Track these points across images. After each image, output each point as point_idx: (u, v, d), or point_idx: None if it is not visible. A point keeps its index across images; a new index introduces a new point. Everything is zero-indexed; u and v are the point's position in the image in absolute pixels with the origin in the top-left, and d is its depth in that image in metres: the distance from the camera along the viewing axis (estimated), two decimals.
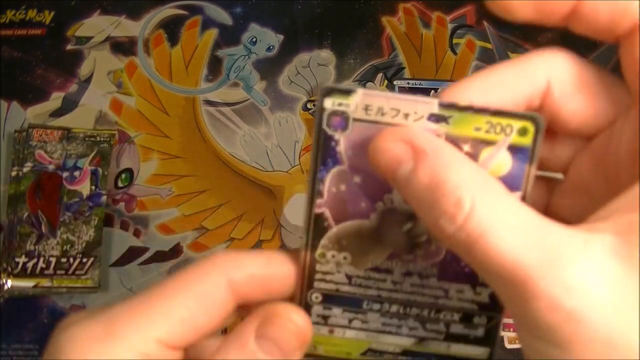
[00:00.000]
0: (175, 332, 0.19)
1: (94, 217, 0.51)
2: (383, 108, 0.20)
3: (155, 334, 0.18)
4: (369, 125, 0.20)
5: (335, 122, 0.20)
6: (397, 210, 0.21)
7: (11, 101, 0.58)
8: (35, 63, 0.60)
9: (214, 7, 0.63)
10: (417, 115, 0.20)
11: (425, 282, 0.22)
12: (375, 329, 0.22)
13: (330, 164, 0.21)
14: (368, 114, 0.20)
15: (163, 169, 0.57)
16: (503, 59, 0.62)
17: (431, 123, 0.20)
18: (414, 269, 0.22)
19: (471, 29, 0.63)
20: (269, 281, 0.21)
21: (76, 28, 0.61)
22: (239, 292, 0.20)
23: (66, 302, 0.53)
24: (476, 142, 0.20)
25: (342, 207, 0.21)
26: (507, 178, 0.20)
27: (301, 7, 0.63)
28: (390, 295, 0.22)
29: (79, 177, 0.52)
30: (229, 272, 0.20)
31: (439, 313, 0.22)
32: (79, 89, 0.59)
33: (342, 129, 0.20)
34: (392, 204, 0.21)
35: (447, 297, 0.22)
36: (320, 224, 0.21)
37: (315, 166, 0.21)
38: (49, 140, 0.53)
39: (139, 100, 0.59)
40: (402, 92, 0.60)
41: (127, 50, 0.61)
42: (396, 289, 0.22)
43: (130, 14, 0.62)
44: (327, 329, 0.22)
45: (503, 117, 0.20)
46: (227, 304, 0.20)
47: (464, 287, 0.22)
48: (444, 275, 0.22)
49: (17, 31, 0.61)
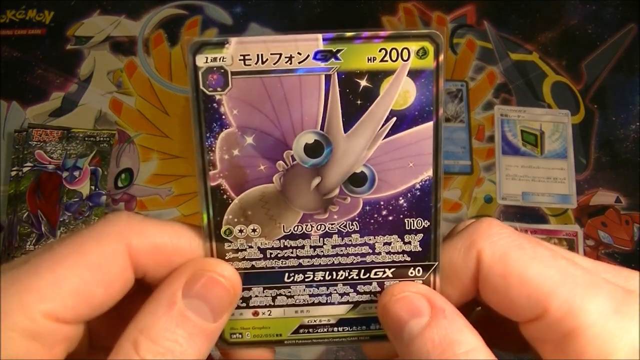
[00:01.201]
0: (66, 305, 0.16)
1: (94, 217, 0.51)
2: (262, 55, 0.18)
3: (42, 307, 0.16)
4: (252, 78, 0.18)
5: (213, 80, 0.18)
6: (301, 166, 0.19)
7: (11, 101, 0.58)
8: (35, 63, 0.60)
9: (214, 7, 0.63)
10: (301, 56, 0.18)
11: (348, 241, 0.20)
12: (303, 302, 0.20)
13: (217, 128, 0.18)
14: (248, 65, 0.18)
15: (163, 169, 0.57)
16: (503, 58, 0.62)
17: (319, 62, 0.18)
18: (332, 229, 0.19)
19: (471, 29, 0.63)
20: (173, 255, 0.18)
21: (76, 28, 0.61)
22: (139, 264, 0.18)
23: None
24: (373, 75, 0.18)
25: (240, 175, 0.19)
26: (414, 108, 0.18)
27: (301, 7, 0.63)
28: (312, 261, 0.20)
29: (79, 177, 0.52)
30: (130, 238, 0.17)
31: (369, 272, 0.20)
32: (79, 89, 0.59)
33: (222, 86, 0.18)
34: (294, 161, 0.19)
35: (375, 253, 0.20)
36: (219, 197, 0.19)
37: (200, 134, 0.18)
38: (48, 140, 0.53)
39: (139, 100, 0.59)
40: None
41: (127, 50, 0.61)
42: (317, 254, 0.20)
43: (130, 13, 0.62)
44: (250, 311, 0.20)
45: (397, 41, 0.18)
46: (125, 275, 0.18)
47: (391, 239, 0.20)
48: (366, 229, 0.19)
49: (17, 31, 0.61)
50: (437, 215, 0.19)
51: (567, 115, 0.60)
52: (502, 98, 0.61)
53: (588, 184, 0.58)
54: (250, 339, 0.21)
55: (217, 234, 0.19)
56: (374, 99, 0.18)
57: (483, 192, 0.58)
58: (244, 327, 0.20)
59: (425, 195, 0.19)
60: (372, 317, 0.20)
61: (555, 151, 0.59)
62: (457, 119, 0.60)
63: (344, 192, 0.19)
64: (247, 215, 0.19)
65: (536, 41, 0.63)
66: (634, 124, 0.60)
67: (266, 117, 0.18)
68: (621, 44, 0.63)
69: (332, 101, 0.18)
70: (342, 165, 0.19)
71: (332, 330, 0.21)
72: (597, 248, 0.56)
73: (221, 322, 0.18)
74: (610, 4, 0.65)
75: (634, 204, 0.58)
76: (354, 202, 0.19)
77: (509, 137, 0.59)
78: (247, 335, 0.21)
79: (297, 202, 0.19)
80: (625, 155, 0.59)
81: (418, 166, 0.19)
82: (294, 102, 0.18)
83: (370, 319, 0.21)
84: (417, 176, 0.19)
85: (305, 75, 0.18)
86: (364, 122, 0.18)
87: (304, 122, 0.18)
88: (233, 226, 0.19)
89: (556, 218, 0.57)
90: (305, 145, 0.18)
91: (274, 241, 0.19)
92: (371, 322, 0.21)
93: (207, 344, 0.17)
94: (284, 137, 0.18)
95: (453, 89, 0.61)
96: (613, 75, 0.62)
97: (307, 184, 0.19)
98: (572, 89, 0.61)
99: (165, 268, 0.18)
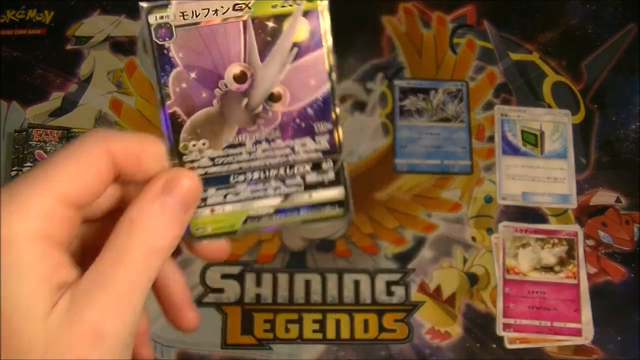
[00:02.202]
0: (71, 190, 0.21)
1: None
2: (196, 11, 0.24)
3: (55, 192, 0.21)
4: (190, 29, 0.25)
5: (162, 33, 0.24)
6: (232, 91, 0.25)
7: (11, 101, 0.58)
8: (35, 63, 0.60)
9: None
10: (223, 9, 0.24)
11: (274, 145, 0.26)
12: (247, 197, 0.26)
13: (168, 68, 0.25)
14: (186, 19, 0.24)
15: None
16: (503, 58, 0.62)
17: (237, 12, 0.24)
18: (260, 137, 0.26)
19: (471, 29, 0.63)
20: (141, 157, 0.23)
21: (76, 28, 0.61)
22: (116, 163, 0.23)
23: None
24: (277, 17, 0.25)
25: (189, 102, 0.25)
26: (309, 40, 0.25)
27: None
28: (249, 164, 0.26)
29: None
30: (109, 142, 0.22)
31: (292, 168, 0.26)
32: (79, 89, 0.59)
33: (169, 37, 0.24)
34: (226, 88, 0.25)
35: (295, 153, 0.26)
36: (175, 121, 0.25)
37: (157, 74, 0.25)
38: (48, 140, 0.53)
39: (139, 100, 0.59)
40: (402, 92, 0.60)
41: (127, 50, 0.61)
42: (252, 158, 0.26)
43: (130, 13, 0.62)
44: (208, 209, 0.26)
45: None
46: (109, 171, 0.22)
47: (305, 140, 0.26)
48: (285, 134, 0.26)
49: (17, 31, 0.61)
50: (337, 119, 0.26)
51: (567, 115, 0.60)
52: (502, 98, 0.61)
53: (588, 184, 0.58)
54: (211, 232, 0.26)
55: (177, 150, 0.25)
56: (279, 36, 0.25)
57: (483, 192, 0.58)
58: (205, 223, 0.26)
59: (326, 104, 0.26)
60: (302, 205, 0.26)
61: (556, 151, 0.59)
62: (457, 119, 0.60)
63: (266, 108, 0.25)
64: (197, 133, 0.25)
65: (536, 41, 0.63)
66: (634, 124, 0.60)
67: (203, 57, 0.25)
68: (621, 44, 0.63)
69: (249, 40, 0.25)
70: (262, 87, 0.25)
71: (272, 218, 0.26)
72: (597, 248, 0.56)
73: (189, 214, 0.24)
74: (610, 4, 0.65)
75: (634, 204, 0.58)
76: (274, 115, 0.26)
77: (509, 137, 0.59)
78: (208, 229, 0.26)
79: (233, 119, 0.25)
80: (625, 155, 0.59)
81: (318, 82, 0.25)
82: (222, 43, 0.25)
83: (300, 207, 0.26)
84: (318, 90, 0.26)
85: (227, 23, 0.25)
86: (274, 53, 0.25)
87: (231, 57, 0.25)
88: (188, 142, 0.25)
89: (556, 218, 0.57)
90: (233, 75, 0.25)
91: (219, 151, 0.26)
92: (301, 209, 0.26)
93: (180, 231, 0.23)
94: (218, 70, 0.25)
95: (453, 89, 0.61)
96: (613, 75, 0.62)
97: (238, 104, 0.25)
98: (572, 89, 0.61)
99: (136, 165, 0.23)
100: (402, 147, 0.58)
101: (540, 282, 0.54)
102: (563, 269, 0.55)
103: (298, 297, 0.54)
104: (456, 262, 0.55)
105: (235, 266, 0.54)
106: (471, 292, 0.55)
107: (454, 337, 0.53)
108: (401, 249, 0.55)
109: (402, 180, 0.58)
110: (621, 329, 0.54)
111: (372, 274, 0.54)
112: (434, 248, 0.56)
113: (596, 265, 0.56)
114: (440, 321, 0.53)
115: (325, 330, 0.53)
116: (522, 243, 0.55)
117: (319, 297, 0.54)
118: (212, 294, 0.53)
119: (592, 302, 0.54)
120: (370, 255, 0.55)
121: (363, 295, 0.54)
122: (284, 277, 0.54)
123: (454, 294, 0.54)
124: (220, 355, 0.52)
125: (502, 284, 0.54)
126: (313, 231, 0.56)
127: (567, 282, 0.54)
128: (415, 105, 0.60)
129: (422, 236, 0.56)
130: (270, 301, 0.53)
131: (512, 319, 0.53)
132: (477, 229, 0.56)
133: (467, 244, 0.56)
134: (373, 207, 0.57)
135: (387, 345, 0.53)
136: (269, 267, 0.54)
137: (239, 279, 0.54)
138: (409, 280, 0.54)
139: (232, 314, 0.53)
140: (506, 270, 0.55)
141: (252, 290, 0.54)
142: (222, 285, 0.54)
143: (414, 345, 0.53)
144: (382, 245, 0.55)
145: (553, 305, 0.54)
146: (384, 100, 0.60)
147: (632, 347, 0.53)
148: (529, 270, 0.55)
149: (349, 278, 0.54)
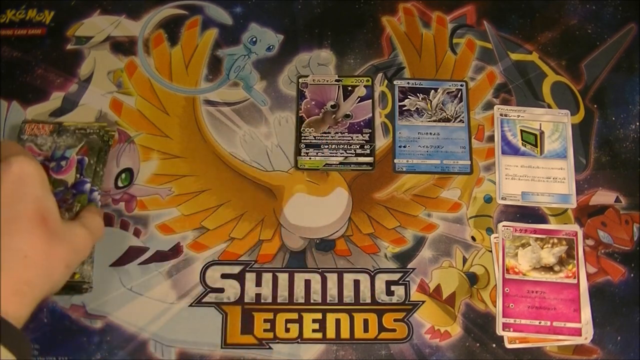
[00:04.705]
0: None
1: (77, 204, 0.49)
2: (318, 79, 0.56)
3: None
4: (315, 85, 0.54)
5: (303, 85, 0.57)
6: (329, 111, 0.57)
7: (11, 101, 0.58)
8: (35, 63, 0.60)
9: (214, 7, 0.63)
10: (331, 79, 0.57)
11: (344, 135, 0.57)
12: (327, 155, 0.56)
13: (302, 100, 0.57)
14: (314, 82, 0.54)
15: (163, 169, 0.57)
16: (503, 58, 0.62)
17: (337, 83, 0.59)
18: (338, 131, 0.57)
19: (471, 29, 0.63)
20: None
21: (76, 28, 0.62)
22: None
23: (66, 302, 0.53)
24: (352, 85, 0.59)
25: (308, 113, 0.57)
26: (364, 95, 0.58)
27: (301, 7, 0.63)
28: (331, 141, 0.57)
29: (65, 166, 0.50)
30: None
31: (350, 146, 0.57)
32: (79, 89, 0.59)
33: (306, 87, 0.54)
34: (326, 109, 0.57)
35: (353, 139, 0.57)
36: (302, 119, 0.57)
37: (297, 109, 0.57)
38: (39, 133, 0.52)
39: (139, 100, 0.59)
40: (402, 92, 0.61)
41: (127, 50, 0.61)
42: (332, 139, 0.57)
43: (130, 13, 0.62)
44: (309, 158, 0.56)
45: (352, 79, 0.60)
46: None
47: (358, 135, 0.57)
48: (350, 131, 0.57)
49: (17, 31, 0.61)
50: (373, 126, 0.58)
51: (566, 115, 0.60)
52: (502, 98, 0.61)
53: (588, 184, 0.58)
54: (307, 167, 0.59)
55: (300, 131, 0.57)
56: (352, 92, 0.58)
57: (483, 192, 0.58)
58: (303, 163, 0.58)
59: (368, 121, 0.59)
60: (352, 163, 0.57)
61: (555, 151, 0.59)
62: (457, 119, 0.60)
63: (343, 120, 0.57)
64: (310, 125, 0.57)
65: (536, 41, 0.63)
66: (634, 124, 0.60)
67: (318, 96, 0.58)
68: (621, 44, 0.63)
69: (339, 92, 0.58)
70: (342, 111, 0.57)
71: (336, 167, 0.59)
72: (596, 248, 0.56)
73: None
74: (610, 4, 0.65)
75: (633, 204, 0.58)
76: (346, 123, 0.57)
77: (508, 137, 0.59)
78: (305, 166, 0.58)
79: (327, 121, 0.57)
80: (625, 155, 0.59)
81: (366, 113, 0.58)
82: (328, 92, 0.58)
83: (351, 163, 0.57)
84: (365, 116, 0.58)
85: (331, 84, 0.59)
86: (350, 99, 0.58)
87: (330, 97, 0.58)
88: (307, 128, 0.57)
89: (556, 218, 0.57)
90: (331, 105, 0.58)
91: (318, 133, 0.57)
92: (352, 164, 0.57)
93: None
94: (324, 102, 0.57)
95: (453, 88, 0.61)
96: (613, 75, 0.62)
97: (330, 117, 0.57)
98: (572, 89, 0.61)
99: None
100: (402, 147, 0.58)
101: (540, 281, 0.54)
102: (563, 269, 0.55)
103: (298, 296, 0.54)
104: (456, 262, 0.55)
105: (235, 266, 0.54)
106: (471, 291, 0.55)
107: (453, 337, 0.53)
108: (401, 248, 0.56)
109: (402, 180, 0.58)
110: (621, 328, 0.54)
111: (372, 274, 0.55)
112: (433, 248, 0.56)
113: (596, 265, 0.56)
114: (440, 321, 0.54)
115: (325, 329, 0.53)
116: (522, 243, 0.56)
117: (319, 296, 0.54)
118: (212, 294, 0.53)
119: (591, 302, 0.54)
120: (370, 255, 0.55)
121: (363, 294, 0.54)
122: (284, 277, 0.54)
123: (454, 293, 0.54)
124: (220, 355, 0.52)
125: (502, 284, 0.54)
126: (313, 231, 0.56)
127: (566, 281, 0.54)
128: (415, 105, 0.60)
129: (421, 236, 0.56)
130: (270, 301, 0.53)
131: (512, 318, 0.53)
132: (477, 228, 0.56)
133: (467, 244, 0.56)
134: (373, 207, 0.57)
135: (387, 345, 0.53)
136: (269, 266, 0.54)
137: (239, 279, 0.54)
138: (409, 280, 0.55)
139: (232, 314, 0.53)
140: (506, 270, 0.55)
141: (252, 289, 0.54)
142: (222, 285, 0.54)
143: (414, 344, 0.53)
144: (382, 244, 0.56)
145: (553, 305, 0.54)
146: (384, 100, 0.60)
147: (631, 347, 0.53)
148: (529, 270, 0.55)
149: (349, 278, 0.54)
